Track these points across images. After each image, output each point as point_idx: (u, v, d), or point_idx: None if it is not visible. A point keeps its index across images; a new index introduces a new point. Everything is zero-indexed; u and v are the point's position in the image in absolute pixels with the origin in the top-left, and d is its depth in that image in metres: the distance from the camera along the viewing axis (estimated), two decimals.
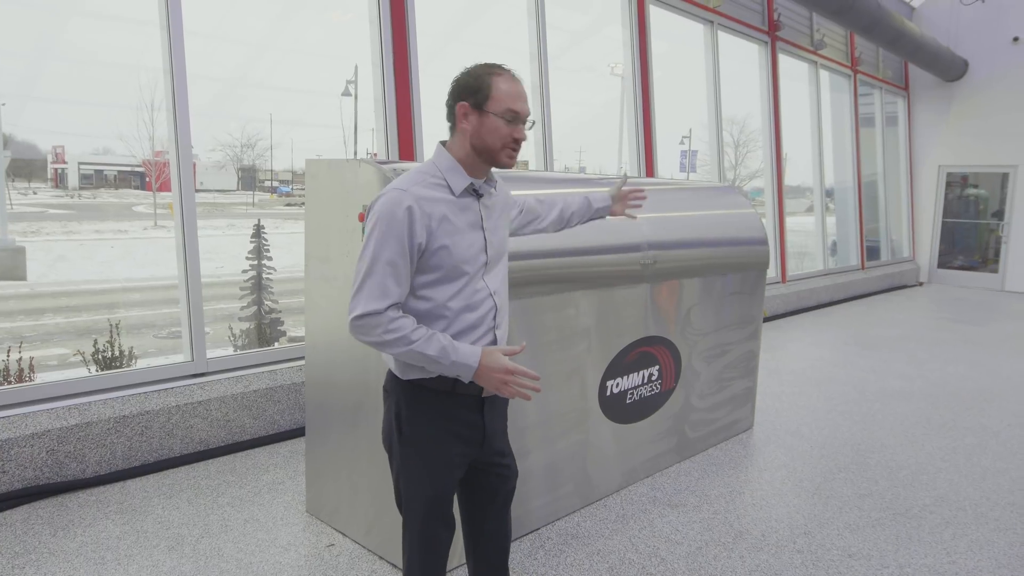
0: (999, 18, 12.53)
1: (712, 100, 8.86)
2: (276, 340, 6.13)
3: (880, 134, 13.18)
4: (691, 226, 4.18)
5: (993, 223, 13.18)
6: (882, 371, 6.64)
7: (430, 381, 1.97)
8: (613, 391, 3.66)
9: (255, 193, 9.23)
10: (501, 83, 1.92)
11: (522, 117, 1.94)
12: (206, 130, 6.14)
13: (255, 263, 6.05)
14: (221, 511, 3.42)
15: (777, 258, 9.77)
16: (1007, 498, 3.90)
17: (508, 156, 1.96)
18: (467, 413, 2.02)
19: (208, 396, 4.06)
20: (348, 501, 3.19)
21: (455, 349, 1.86)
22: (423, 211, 1.86)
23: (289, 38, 6.21)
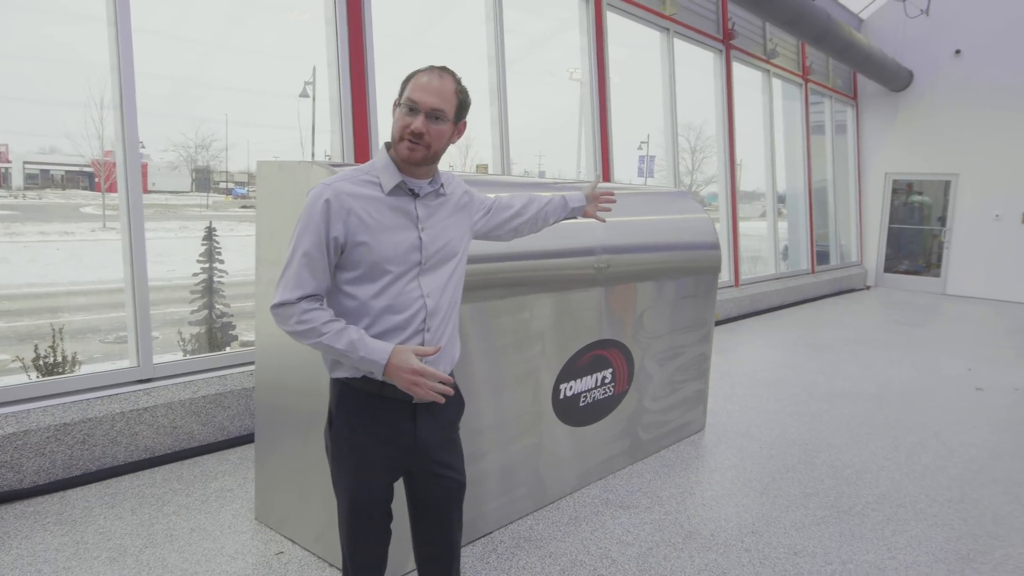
0: (942, 31, 12.99)
1: (668, 106, 8.99)
2: (228, 344, 6.02)
3: (830, 142, 13.54)
4: (645, 230, 4.23)
5: (936, 229, 13.64)
6: (830, 372, 6.81)
7: (357, 381, 1.96)
8: (566, 394, 3.68)
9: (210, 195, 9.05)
10: (418, 77, 1.92)
11: (421, 108, 1.88)
12: (158, 130, 5.99)
13: (206, 266, 5.94)
14: (166, 520, 3.34)
15: (730, 262, 9.95)
16: (945, 495, 4.04)
17: (406, 148, 1.91)
18: (396, 417, 1.99)
19: (154, 402, 3.96)
20: (298, 508, 3.14)
21: (364, 345, 1.84)
22: (341, 206, 1.87)
23: (245, 38, 6.11)
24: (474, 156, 7.55)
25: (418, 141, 1.89)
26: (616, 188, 4.52)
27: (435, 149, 1.94)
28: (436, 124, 1.91)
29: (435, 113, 1.90)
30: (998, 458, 4.66)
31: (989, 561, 3.31)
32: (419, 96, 1.89)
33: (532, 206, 2.47)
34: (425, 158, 1.93)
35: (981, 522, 3.71)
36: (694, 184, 11.90)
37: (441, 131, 1.93)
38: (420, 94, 1.89)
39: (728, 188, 10.03)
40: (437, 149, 1.95)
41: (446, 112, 1.92)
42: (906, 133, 13.67)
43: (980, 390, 6.38)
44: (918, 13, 12.89)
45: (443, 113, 1.91)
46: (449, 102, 1.93)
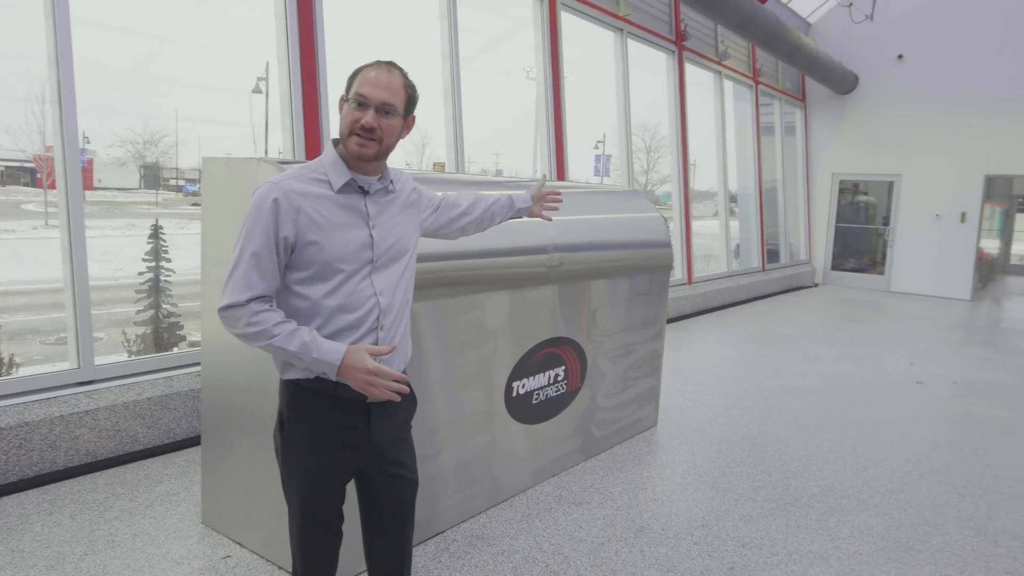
0: (886, 36, 13.39)
1: (622, 106, 9.08)
2: (175, 345, 5.88)
3: (779, 142, 13.85)
4: (597, 229, 4.26)
5: (880, 228, 14.07)
6: (779, 368, 6.97)
7: (309, 382, 1.93)
8: (519, 392, 3.69)
9: (159, 192, 8.82)
10: (366, 72, 1.90)
11: (371, 102, 1.86)
12: (104, 125, 5.82)
13: (152, 265, 5.78)
14: (108, 526, 3.25)
15: (684, 261, 10.10)
16: (886, 485, 4.16)
17: (356, 144, 1.88)
18: (349, 418, 1.96)
19: (96, 405, 3.85)
20: (246, 511, 3.09)
21: (317, 346, 1.82)
22: (290, 205, 1.84)
23: (194, 32, 5.97)
24: (431, 154, 7.52)
25: (369, 136, 1.87)
26: (568, 187, 4.55)
27: (386, 144, 1.92)
28: (387, 119, 1.89)
29: (385, 107, 1.88)
30: (936, 449, 4.83)
31: (927, 549, 3.42)
32: (368, 91, 1.86)
33: (479, 205, 2.47)
34: (377, 154, 1.90)
35: (920, 511, 3.84)
36: (649, 183, 12.04)
37: (392, 126, 1.91)
38: (369, 88, 1.87)
39: (681, 187, 10.17)
40: (388, 144, 1.93)
41: (396, 106, 1.90)
42: (852, 135, 14.06)
43: (920, 384, 6.60)
44: (863, 18, 13.27)
45: (393, 107, 1.89)
46: (398, 96, 1.91)
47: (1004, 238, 19.57)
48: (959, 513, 3.84)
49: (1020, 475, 4.42)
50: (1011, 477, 4.38)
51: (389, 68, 1.92)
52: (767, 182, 13.25)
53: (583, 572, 3.04)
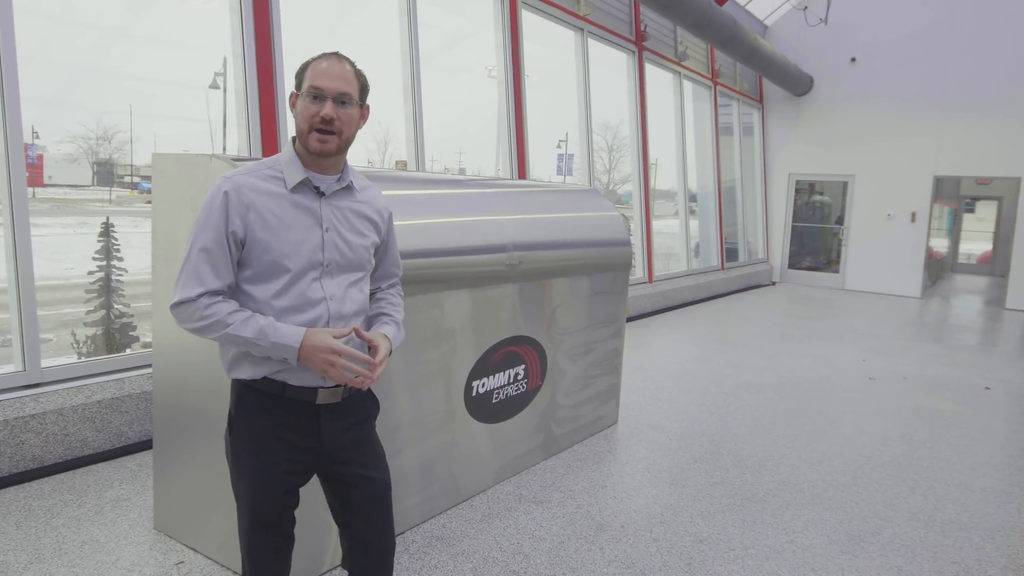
0: (840, 40, 13.70)
1: (583, 105, 9.12)
2: (128, 346, 5.73)
3: (738, 143, 14.07)
4: (556, 228, 4.27)
5: (835, 228, 14.40)
6: (737, 365, 7.08)
7: (257, 382, 1.90)
8: (479, 391, 3.68)
9: (113, 189, 8.59)
10: (316, 63, 1.86)
11: (327, 93, 1.82)
12: (55, 120, 5.65)
13: (103, 264, 5.62)
14: (55, 533, 3.15)
15: (644, 259, 10.19)
16: (840, 479, 4.26)
17: (317, 140, 1.83)
18: (297, 419, 1.92)
19: (43, 409, 3.73)
20: (200, 515, 3.02)
21: (275, 330, 1.79)
22: (240, 200, 1.82)
23: (149, 24, 5.82)
24: (393, 152, 7.46)
25: (329, 130, 1.83)
26: (527, 186, 4.55)
27: (346, 136, 1.88)
28: (344, 109, 1.85)
29: (342, 98, 1.84)
30: (887, 443, 4.95)
31: (878, 541, 3.51)
32: (323, 82, 1.83)
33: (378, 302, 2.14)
34: (339, 147, 1.87)
35: (871, 504, 3.93)
36: (611, 183, 12.13)
37: (350, 116, 1.88)
38: (324, 80, 1.83)
39: (641, 187, 10.27)
40: (348, 136, 1.89)
41: (352, 95, 1.87)
42: (808, 136, 14.36)
43: (873, 379, 6.76)
44: (817, 22, 13.55)
45: (350, 97, 1.86)
46: (352, 85, 1.88)
47: (952, 237, 20.20)
48: (908, 505, 3.94)
49: (966, 467, 4.56)
50: (957, 469, 4.52)
51: (339, 58, 1.89)
52: (726, 182, 13.46)
53: (543, 571, 3.05)
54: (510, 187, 4.33)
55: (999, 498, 4.10)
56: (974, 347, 8.74)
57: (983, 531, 3.67)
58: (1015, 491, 4.21)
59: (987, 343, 9.14)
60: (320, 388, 1.91)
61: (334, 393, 1.93)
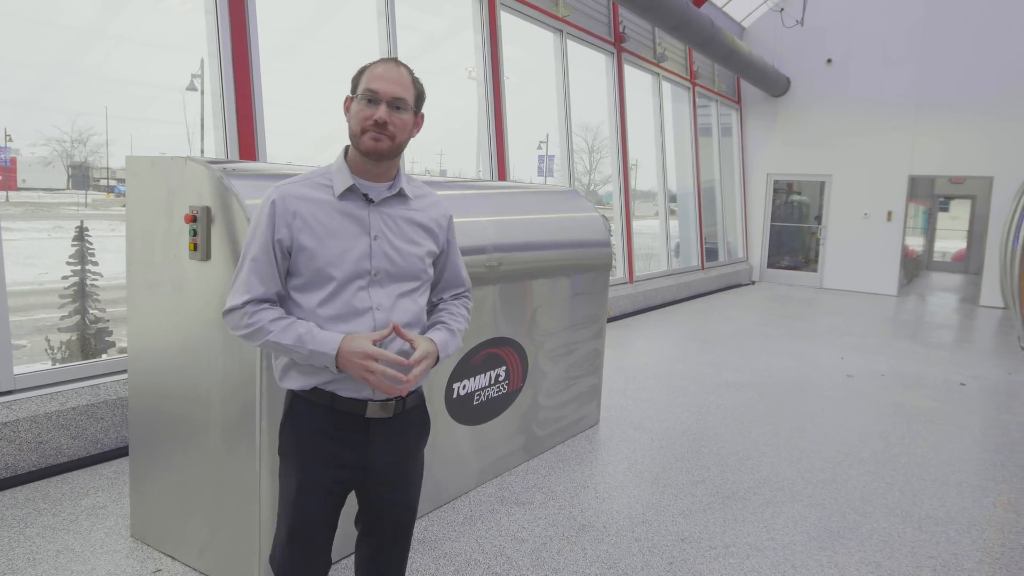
0: (816, 41, 13.85)
1: (562, 106, 9.14)
2: (104, 352, 5.64)
3: (716, 143, 14.19)
4: (536, 229, 4.28)
5: (813, 227, 14.55)
6: (718, 364, 7.13)
7: (306, 393, 1.87)
8: (460, 393, 3.67)
9: (88, 192, 8.47)
10: (374, 68, 1.84)
11: (382, 96, 1.80)
12: (28, 122, 5.57)
13: (77, 268, 5.54)
14: (28, 543, 3.09)
15: (625, 260, 10.23)
16: (819, 476, 4.30)
17: (371, 139, 1.80)
18: (347, 433, 1.87)
19: (16, 416, 3.66)
20: (178, 522, 2.98)
21: (313, 337, 1.76)
22: (286, 208, 1.82)
23: (124, 26, 5.75)
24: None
25: (383, 132, 1.80)
26: (507, 187, 4.55)
27: (399, 140, 1.84)
28: (399, 114, 1.82)
29: (397, 102, 1.82)
30: (865, 440, 5.01)
31: (856, 537, 3.54)
32: (379, 85, 1.81)
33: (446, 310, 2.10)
34: (391, 150, 1.83)
35: (850, 500, 3.97)
36: (592, 183, 12.17)
37: (404, 121, 1.84)
38: (380, 83, 1.81)
39: (622, 187, 10.31)
40: (401, 141, 1.85)
41: (407, 101, 1.84)
42: (785, 136, 14.50)
43: (851, 377, 6.84)
44: (794, 23, 13.69)
45: (405, 102, 1.83)
46: (409, 91, 1.85)
47: (927, 236, 20.49)
48: (886, 501, 3.99)
49: (942, 463, 4.63)
50: (934, 465, 4.58)
51: (396, 63, 1.86)
52: (705, 182, 13.56)
53: (525, 572, 3.05)
54: (490, 188, 4.33)
55: (974, 493, 4.16)
56: (950, 344, 8.87)
57: (959, 525, 3.72)
58: (990, 486, 4.28)
59: (962, 340, 9.28)
60: (370, 401, 1.86)
61: (385, 407, 1.88)
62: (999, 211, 12.19)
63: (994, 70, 12.24)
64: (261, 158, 5.27)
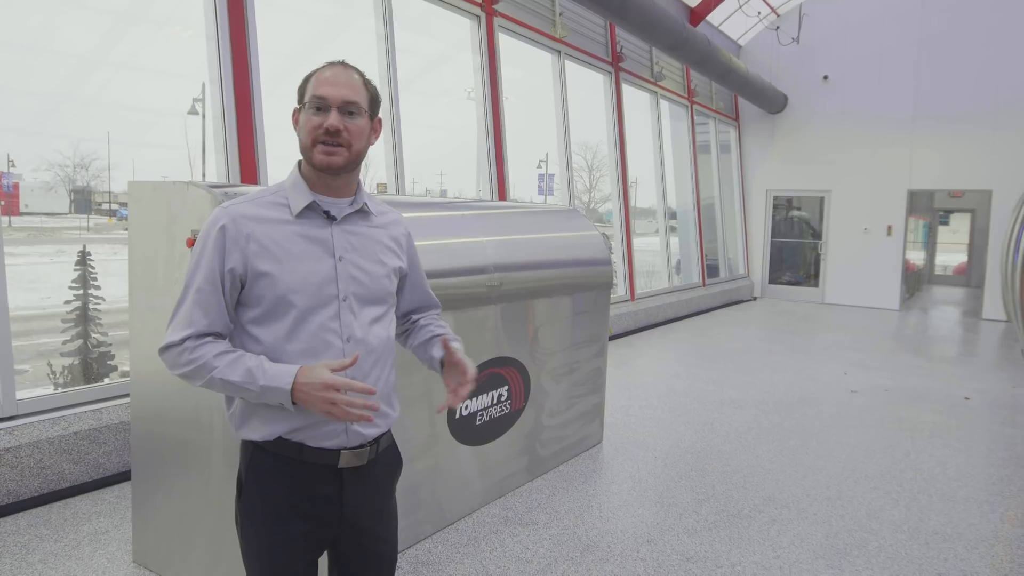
0: (812, 58, 13.96)
1: (561, 126, 9.20)
2: (106, 376, 5.64)
3: (715, 160, 14.25)
4: (536, 248, 4.29)
5: (814, 242, 14.57)
6: (720, 381, 7.11)
7: (270, 444, 1.68)
8: (462, 413, 3.66)
9: (90, 217, 8.51)
10: (319, 73, 1.67)
11: (331, 102, 1.62)
12: (31, 148, 5.61)
13: (80, 293, 5.56)
14: (31, 570, 3.08)
15: (626, 277, 10.24)
16: (824, 493, 4.27)
17: (323, 152, 1.63)
18: (318, 486, 1.69)
19: (18, 442, 3.66)
20: (180, 547, 2.97)
21: (263, 371, 1.57)
22: (239, 231, 1.63)
23: (124, 53, 5.82)
24: (374, 175, 7.47)
25: (336, 141, 1.63)
26: (507, 207, 4.57)
27: (356, 149, 1.67)
28: (352, 120, 1.65)
29: (348, 107, 1.64)
30: (871, 456, 4.98)
31: (863, 554, 3.52)
32: (327, 90, 1.63)
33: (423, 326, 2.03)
34: (347, 161, 1.66)
35: (856, 517, 3.95)
36: (592, 202, 12.21)
37: (359, 127, 1.67)
38: (328, 88, 1.64)
39: (621, 205, 10.34)
40: (358, 149, 1.68)
41: (360, 104, 1.67)
42: (784, 152, 14.57)
43: (854, 393, 6.82)
44: (790, 41, 13.81)
45: (357, 106, 1.66)
46: (360, 94, 1.68)
47: (928, 250, 20.50)
48: (893, 517, 3.96)
49: (948, 478, 4.60)
50: (940, 480, 4.55)
51: (345, 66, 1.70)
52: (705, 199, 13.60)
53: None
54: (490, 208, 4.35)
55: (981, 508, 4.13)
56: (953, 358, 8.85)
57: (967, 541, 3.69)
58: (997, 500, 4.25)
59: (966, 354, 9.26)
60: (344, 450, 1.70)
61: (359, 455, 1.72)
62: (999, 224, 12.20)
63: (991, 83, 12.32)
64: (262, 181, 5.30)
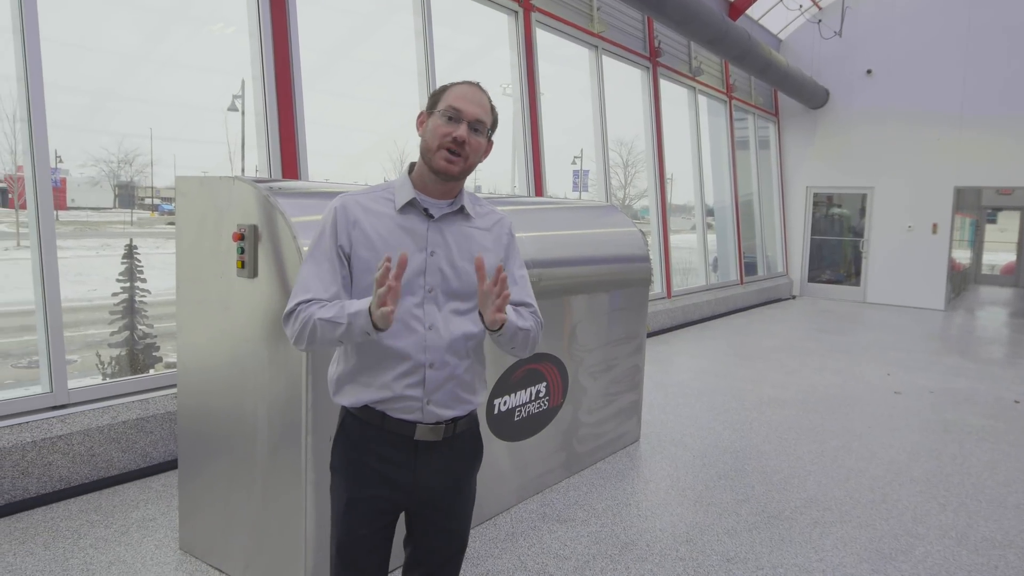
0: (855, 52, 13.66)
1: (598, 121, 9.14)
2: (152, 367, 5.78)
3: (754, 156, 14.03)
4: (575, 244, 4.27)
5: (855, 240, 14.27)
6: (759, 380, 7.01)
7: (359, 411, 1.86)
8: (501, 409, 3.67)
9: (134, 211, 8.72)
10: (456, 87, 1.84)
11: (464, 116, 1.78)
12: (77, 144, 5.76)
13: (127, 285, 5.69)
14: (82, 554, 3.16)
15: (662, 274, 10.15)
16: (867, 496, 4.19)
17: (444, 159, 1.78)
18: (395, 453, 1.85)
19: (70, 430, 3.76)
20: (224, 535, 3.02)
21: (350, 303, 1.72)
22: (348, 216, 1.83)
23: (167, 50, 5.94)
24: None
25: (459, 152, 1.79)
26: (546, 203, 4.56)
27: (470, 163, 1.83)
28: (476, 136, 1.82)
29: (476, 124, 1.81)
30: (916, 459, 4.87)
31: (910, 559, 3.44)
32: (462, 105, 1.79)
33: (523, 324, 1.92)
34: (462, 171, 1.82)
35: (902, 521, 3.86)
36: (627, 198, 12.12)
37: (479, 144, 1.83)
38: (463, 103, 1.80)
39: (658, 202, 10.25)
40: (472, 163, 1.84)
41: (485, 124, 1.84)
42: (825, 148, 14.29)
43: (898, 394, 6.66)
44: (832, 35, 13.52)
45: (483, 126, 1.83)
46: (488, 116, 1.86)
47: (975, 248, 19.94)
48: (940, 523, 3.87)
49: (998, 483, 4.47)
50: (989, 485, 4.43)
51: (479, 88, 1.87)
52: (743, 195, 13.41)
53: None
54: (528, 204, 4.34)
55: None
56: (1001, 360, 8.60)
57: (1018, 549, 3.59)
58: None
59: (1014, 356, 8.99)
60: (419, 424, 1.83)
61: (435, 431, 1.85)
62: None
63: None
64: (302, 176, 5.36)
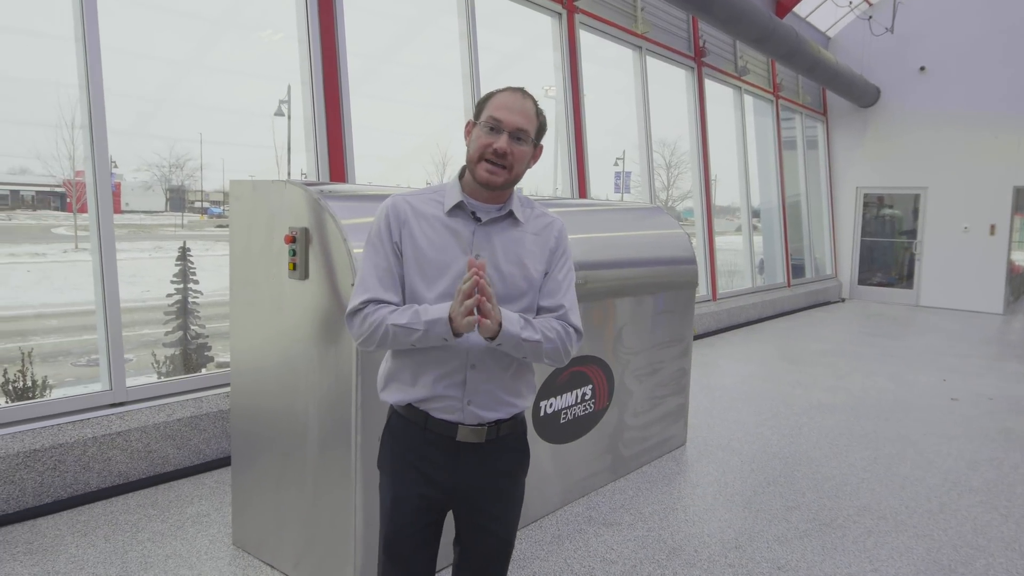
0: (907, 49, 13.30)
1: (642, 122, 9.07)
2: (203, 366, 5.92)
3: (802, 156, 13.75)
4: (621, 246, 4.24)
5: (907, 242, 13.88)
6: (808, 385, 6.86)
7: (403, 409, 1.89)
8: (547, 411, 3.66)
9: (184, 214, 8.96)
10: (498, 96, 1.84)
11: (505, 126, 1.78)
12: (131, 149, 5.94)
13: (180, 287, 5.85)
14: (141, 547, 3.26)
15: (707, 277, 10.02)
16: (924, 505, 4.06)
17: (486, 170, 1.79)
18: (436, 453, 1.87)
19: (128, 426, 3.88)
20: (275, 532, 3.08)
21: (426, 311, 1.74)
22: (398, 216, 1.86)
23: (217, 57, 6.09)
24: (451, 173, 7.56)
25: (500, 162, 1.79)
26: (591, 205, 4.54)
27: (516, 172, 1.83)
28: (519, 145, 1.81)
29: (518, 133, 1.80)
30: (975, 468, 4.71)
31: (971, 572, 3.33)
32: (503, 115, 1.79)
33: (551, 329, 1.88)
34: (506, 182, 1.82)
35: (961, 532, 3.74)
36: (670, 199, 11.99)
37: (523, 152, 1.83)
38: (504, 113, 1.79)
39: (703, 203, 10.12)
40: (518, 172, 1.84)
41: (529, 133, 1.82)
42: (875, 148, 13.93)
43: (955, 400, 6.46)
44: (883, 31, 13.19)
45: (526, 134, 1.82)
46: (531, 123, 1.84)
47: None
48: (1002, 534, 3.73)
49: None
50: None
51: (523, 94, 1.85)
52: (790, 196, 13.15)
53: None
54: (573, 206, 4.33)
55: None
56: None
57: None
58: None
59: None
60: (461, 425, 1.84)
61: (476, 432, 1.85)
62: None
63: None
64: (349, 179, 5.44)
